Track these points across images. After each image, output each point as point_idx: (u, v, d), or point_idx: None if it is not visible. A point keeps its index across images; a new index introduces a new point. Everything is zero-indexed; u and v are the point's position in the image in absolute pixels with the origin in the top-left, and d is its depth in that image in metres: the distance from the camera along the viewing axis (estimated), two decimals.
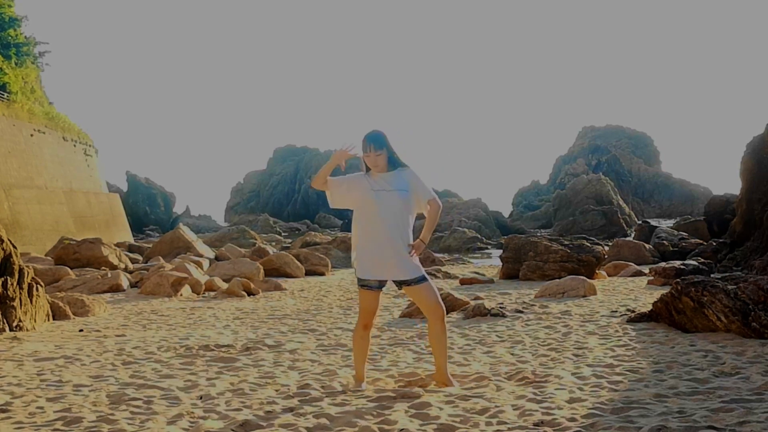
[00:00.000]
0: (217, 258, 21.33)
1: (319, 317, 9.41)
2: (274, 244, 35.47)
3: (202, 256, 20.90)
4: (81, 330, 8.41)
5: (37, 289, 8.89)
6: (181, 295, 12.67)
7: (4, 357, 6.53)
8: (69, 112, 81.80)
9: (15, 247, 8.81)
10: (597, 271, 14.78)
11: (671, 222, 39.59)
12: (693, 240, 22.14)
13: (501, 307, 9.06)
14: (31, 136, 34.02)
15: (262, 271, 16.03)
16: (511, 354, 6.22)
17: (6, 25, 38.66)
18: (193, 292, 13.10)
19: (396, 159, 4.86)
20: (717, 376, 4.95)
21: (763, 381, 4.65)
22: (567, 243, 15.51)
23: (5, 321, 8.09)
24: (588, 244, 16.03)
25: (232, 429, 4.00)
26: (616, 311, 8.73)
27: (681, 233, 23.89)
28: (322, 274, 18.78)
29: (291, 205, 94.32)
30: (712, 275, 11.84)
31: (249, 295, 12.64)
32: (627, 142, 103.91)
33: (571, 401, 4.41)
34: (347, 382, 5.23)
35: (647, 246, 21.49)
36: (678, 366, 5.33)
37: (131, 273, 16.65)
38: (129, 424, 4.16)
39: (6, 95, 34.86)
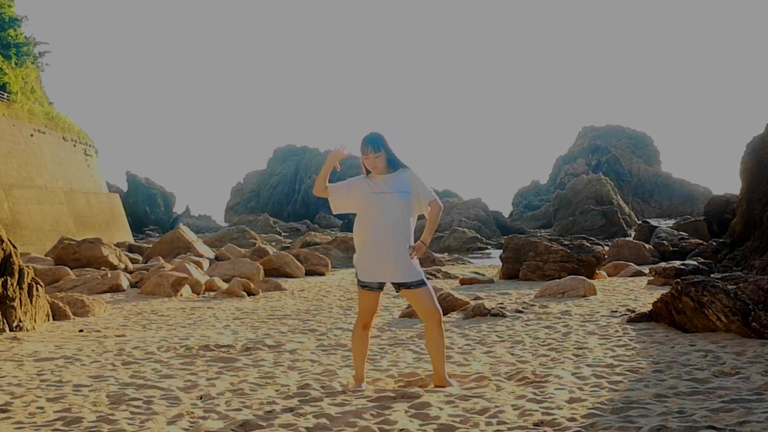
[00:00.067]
0: (217, 258, 21.32)
1: (319, 317, 9.42)
2: (274, 244, 35.46)
3: (202, 256, 20.90)
4: (81, 330, 8.41)
5: (37, 289, 8.89)
6: (181, 295, 12.67)
7: (4, 357, 6.53)
8: (69, 112, 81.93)
9: (15, 247, 8.81)
10: (597, 271, 14.79)
11: (671, 222, 39.62)
12: (693, 240, 22.14)
13: (501, 307, 9.06)
14: (31, 136, 34.02)
15: (262, 271, 16.03)
16: (511, 354, 6.21)
17: (6, 25, 38.66)
18: (193, 292, 13.10)
19: (396, 160, 4.85)
20: (717, 376, 4.95)
21: (763, 381, 4.65)
22: (567, 243, 15.51)
23: (5, 321, 8.09)
24: (588, 244, 16.02)
25: (232, 429, 3.99)
26: (616, 311, 8.73)
27: (681, 233, 23.91)
28: (322, 274, 18.78)
29: (291, 205, 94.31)
30: (712, 275, 11.84)
31: (249, 295, 12.64)
32: (627, 142, 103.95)
33: (571, 401, 4.41)
34: (347, 382, 5.23)
35: (647, 246, 21.50)
36: (678, 366, 5.33)
37: (131, 273, 16.66)
38: (129, 424, 4.16)
39: (6, 95, 34.86)
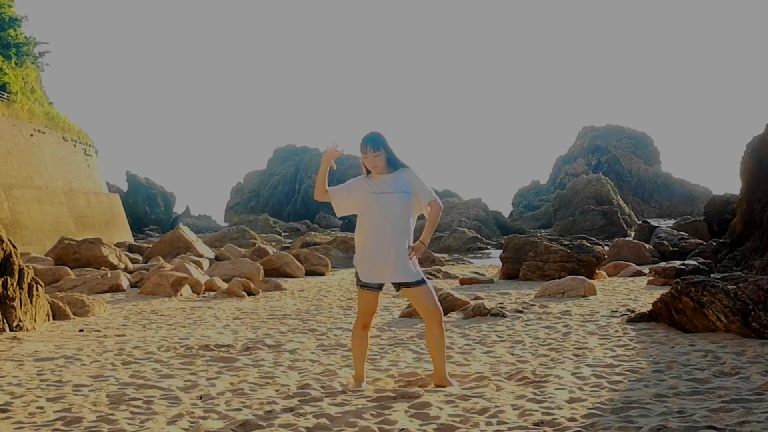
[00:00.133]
0: (217, 258, 21.32)
1: (319, 317, 9.42)
2: (274, 244, 35.45)
3: (202, 256, 20.90)
4: (81, 330, 8.41)
5: (37, 289, 8.88)
6: (181, 295, 12.67)
7: (4, 357, 6.53)
8: (69, 112, 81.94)
9: (15, 247, 8.81)
10: (597, 271, 14.79)
11: (671, 222, 39.61)
12: (693, 240, 22.14)
13: (501, 307, 9.06)
14: (31, 136, 34.02)
15: (262, 271, 16.03)
16: (511, 354, 6.21)
17: (6, 25, 38.65)
18: (193, 292, 13.10)
19: (395, 160, 4.84)
20: (717, 376, 4.95)
21: (763, 381, 4.65)
22: (567, 243, 15.51)
23: (5, 321, 8.09)
24: (588, 244, 16.02)
25: (232, 429, 3.99)
26: (616, 311, 8.73)
27: (681, 233, 23.91)
28: (322, 274, 18.78)
29: (291, 205, 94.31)
30: (712, 275, 11.84)
31: (249, 295, 12.64)
32: (627, 142, 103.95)
33: (571, 401, 4.41)
34: (347, 382, 5.23)
35: (647, 246, 21.50)
36: (678, 366, 5.33)
37: (131, 273, 16.66)
38: (129, 424, 4.16)
39: (6, 95, 34.85)
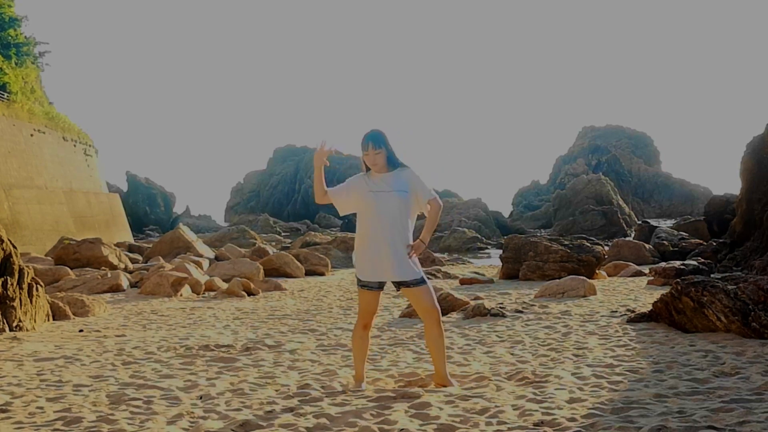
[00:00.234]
0: (217, 258, 21.32)
1: (319, 317, 9.42)
2: (274, 244, 35.45)
3: (202, 256, 20.90)
4: (81, 330, 8.41)
5: (37, 289, 8.88)
6: (181, 295, 12.67)
7: (4, 357, 6.53)
8: (69, 112, 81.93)
9: (15, 247, 8.81)
10: (597, 271, 14.79)
11: (671, 222, 39.61)
12: (693, 240, 22.14)
13: (501, 307, 9.06)
14: (31, 136, 34.01)
15: (262, 271, 16.03)
16: (511, 354, 6.21)
17: (6, 25, 38.65)
18: (193, 292, 13.10)
19: (395, 159, 4.85)
20: (717, 376, 4.94)
21: (763, 381, 4.64)
22: (567, 243, 15.51)
23: (5, 321, 8.09)
24: (588, 244, 16.02)
25: (232, 429, 3.99)
26: (616, 311, 8.73)
27: (681, 233, 23.90)
28: (322, 274, 18.78)
29: (291, 205, 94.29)
30: (712, 275, 11.85)
31: (249, 295, 12.64)
32: (627, 142, 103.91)
33: (571, 401, 4.41)
34: (347, 382, 5.23)
35: (647, 246, 21.50)
36: (678, 366, 5.33)
37: (131, 273, 16.66)
38: (129, 424, 4.16)
39: (6, 95, 34.85)
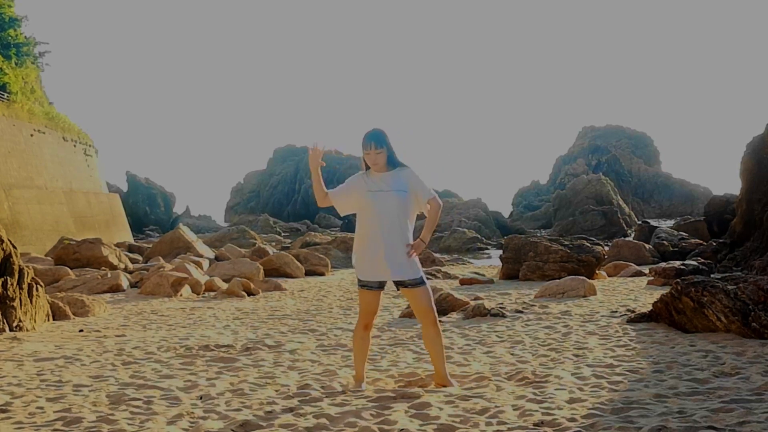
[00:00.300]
0: (217, 258, 21.32)
1: (319, 317, 9.42)
2: (274, 244, 35.43)
3: (202, 256, 20.90)
4: (81, 330, 8.41)
5: (37, 289, 8.88)
6: (181, 295, 12.67)
7: (4, 357, 6.53)
8: (69, 112, 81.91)
9: (15, 247, 8.81)
10: (597, 272, 14.78)
11: (671, 222, 39.59)
12: (693, 240, 22.13)
13: (501, 307, 9.06)
14: (31, 136, 34.01)
15: (262, 272, 16.03)
16: (511, 354, 6.21)
17: (6, 25, 38.64)
18: (193, 292, 13.10)
19: (395, 159, 4.85)
20: (717, 376, 4.94)
21: (763, 381, 4.64)
22: (567, 243, 15.51)
23: (5, 321, 8.09)
24: (588, 244, 16.02)
25: (232, 429, 3.99)
26: (616, 311, 8.72)
27: (681, 233, 23.89)
28: (321, 274, 18.78)
29: (291, 205, 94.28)
30: (712, 275, 11.84)
31: (249, 295, 12.64)
32: (627, 142, 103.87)
33: (571, 401, 4.41)
34: (347, 382, 5.23)
35: (647, 246, 21.50)
36: (678, 366, 5.33)
37: (131, 273, 16.65)
38: (129, 424, 4.16)
39: (6, 95, 34.84)
